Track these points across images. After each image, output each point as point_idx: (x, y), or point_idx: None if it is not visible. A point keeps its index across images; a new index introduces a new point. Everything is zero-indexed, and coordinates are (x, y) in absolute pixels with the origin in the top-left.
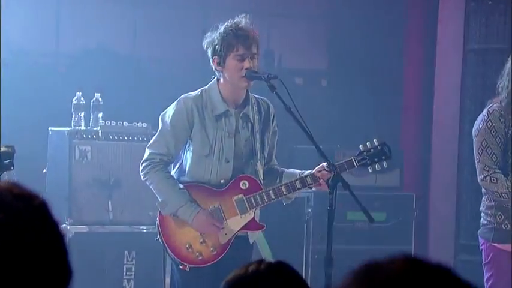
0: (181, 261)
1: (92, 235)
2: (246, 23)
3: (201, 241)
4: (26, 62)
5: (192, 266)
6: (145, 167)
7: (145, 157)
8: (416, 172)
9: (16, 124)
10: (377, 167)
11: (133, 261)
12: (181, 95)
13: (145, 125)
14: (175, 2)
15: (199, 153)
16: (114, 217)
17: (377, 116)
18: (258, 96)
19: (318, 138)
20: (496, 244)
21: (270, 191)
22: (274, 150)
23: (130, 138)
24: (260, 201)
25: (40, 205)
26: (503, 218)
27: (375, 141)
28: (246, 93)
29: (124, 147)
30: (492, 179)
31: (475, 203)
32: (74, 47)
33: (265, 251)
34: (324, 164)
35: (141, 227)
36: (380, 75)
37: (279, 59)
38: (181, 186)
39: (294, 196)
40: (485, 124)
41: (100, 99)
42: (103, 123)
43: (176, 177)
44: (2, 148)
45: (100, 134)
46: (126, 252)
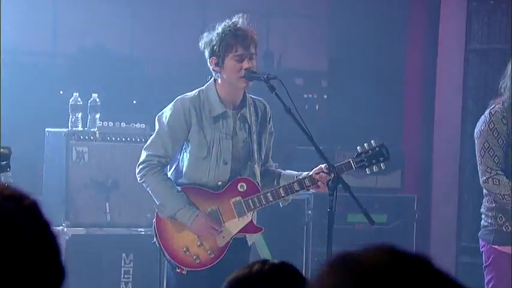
0: (178, 265)
1: (89, 237)
2: (244, 23)
3: (199, 244)
4: (22, 62)
5: (189, 269)
6: (142, 169)
7: (142, 159)
8: (418, 173)
9: (13, 125)
10: (375, 169)
11: (131, 263)
12: (179, 96)
13: (143, 125)
14: (173, 1)
15: (196, 155)
16: (112, 219)
17: (378, 117)
18: (254, 96)
19: (318, 139)
20: (496, 246)
21: (268, 194)
22: (271, 151)
23: (128, 139)
24: (258, 204)
25: (31, 205)
26: (503, 220)
27: (373, 142)
28: (244, 94)
29: (122, 149)
30: (494, 180)
31: (477, 205)
32: (71, 47)
33: (265, 253)
34: (322, 166)
35: (138, 229)
36: (381, 76)
37: (278, 59)
38: (179, 188)
39: (291, 198)
40: (487, 125)
41: (97, 100)
42: (100, 124)
43: (173, 179)
44: None
45: (97, 135)
46: (123, 254)
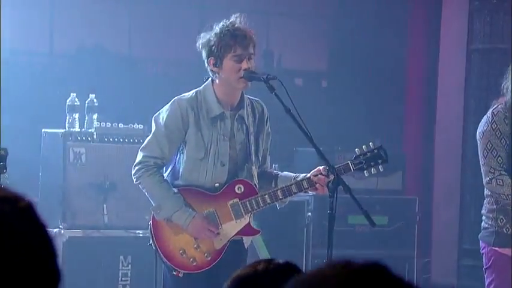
0: (175, 267)
1: (87, 239)
2: (242, 23)
3: (195, 246)
4: (18, 62)
5: (185, 272)
6: (138, 170)
7: (138, 160)
8: (419, 175)
9: (9, 125)
10: (373, 171)
11: (129, 266)
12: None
13: (141, 126)
14: (171, 1)
15: (194, 156)
16: (110, 221)
17: (379, 118)
18: (252, 97)
19: (318, 140)
20: (497, 248)
21: (266, 196)
22: (268, 152)
23: (126, 140)
24: (256, 206)
25: (26, 207)
26: (504, 221)
27: (371, 144)
28: (241, 94)
29: (119, 150)
30: (498, 181)
31: (479, 207)
32: (68, 47)
33: (263, 254)
34: (321, 168)
35: (136, 232)
36: (382, 76)
37: (278, 59)
38: (176, 190)
39: (288, 200)
40: (489, 126)
41: (95, 100)
42: (98, 125)
43: (169, 180)
44: None
45: (95, 136)
46: (121, 257)
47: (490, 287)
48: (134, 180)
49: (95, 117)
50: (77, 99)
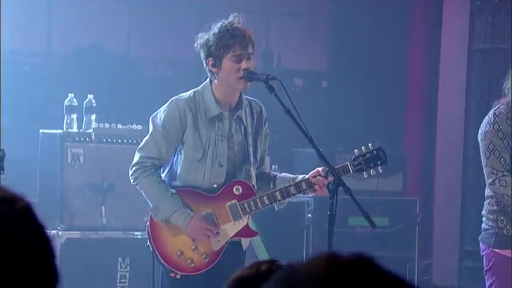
0: (172, 269)
1: (85, 241)
2: (240, 22)
3: (193, 248)
4: (16, 63)
5: (183, 273)
6: (135, 171)
7: (135, 161)
8: (420, 176)
9: (6, 126)
10: (372, 172)
11: (128, 268)
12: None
13: (140, 127)
14: (170, 1)
15: (191, 157)
16: (108, 222)
17: (379, 118)
18: (250, 98)
19: (318, 141)
20: (497, 250)
21: (264, 197)
22: (266, 153)
23: (125, 141)
24: (254, 207)
25: (24, 208)
26: (505, 222)
27: (370, 145)
28: (240, 95)
29: (118, 150)
30: (501, 182)
31: (481, 208)
32: (66, 47)
33: (263, 255)
34: (320, 169)
35: (135, 233)
36: (382, 76)
37: (278, 59)
38: (173, 191)
39: (286, 201)
40: (491, 126)
41: (93, 101)
42: (96, 126)
43: (166, 181)
44: None
45: (93, 137)
46: (120, 259)
47: None
48: (131, 181)
49: (93, 117)
50: (75, 100)
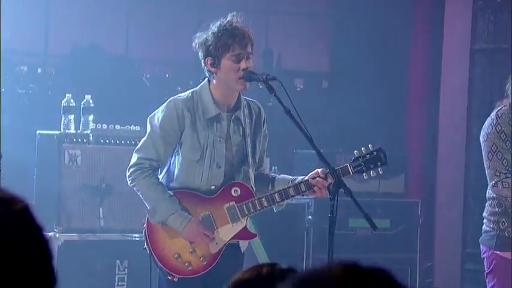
0: (170, 272)
1: (82, 243)
2: (239, 22)
3: (191, 250)
4: (13, 63)
5: (180, 276)
6: (132, 172)
7: (132, 162)
8: (422, 177)
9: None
10: (372, 174)
11: (126, 270)
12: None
13: (138, 128)
14: (169, 0)
15: (189, 158)
16: (106, 224)
17: (381, 119)
18: (248, 98)
19: (319, 142)
20: (498, 252)
21: (263, 199)
22: (265, 154)
23: (123, 142)
24: (252, 209)
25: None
26: (506, 224)
27: (370, 146)
28: (238, 95)
29: (116, 152)
30: (504, 184)
31: (483, 210)
32: (64, 47)
33: (262, 256)
34: (319, 170)
35: (133, 235)
36: (384, 76)
37: (278, 59)
38: (171, 193)
39: (285, 203)
40: (494, 128)
41: (91, 101)
42: (94, 127)
43: (164, 183)
44: None
45: (91, 138)
46: (118, 261)
47: None
48: (129, 182)
49: (91, 118)
50: (72, 100)
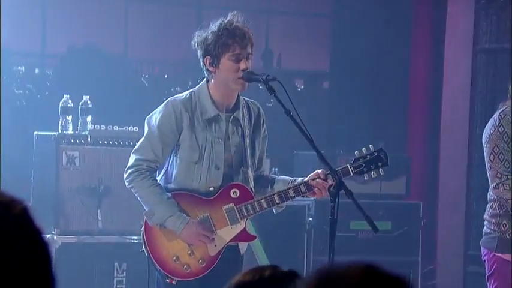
0: (168, 275)
1: (80, 246)
2: (239, 21)
3: (189, 253)
4: (10, 63)
5: (179, 279)
6: (130, 174)
7: (130, 163)
8: (424, 179)
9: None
10: (373, 174)
11: (124, 273)
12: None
13: (136, 129)
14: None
15: (187, 159)
16: (104, 227)
17: (382, 120)
18: (248, 99)
19: (319, 143)
20: (499, 254)
21: (262, 200)
22: (265, 155)
23: (121, 143)
24: (252, 211)
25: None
26: (507, 226)
27: (371, 147)
28: (237, 96)
29: (114, 153)
30: (505, 186)
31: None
32: (61, 47)
33: (262, 259)
34: (319, 171)
35: (132, 237)
36: (385, 77)
37: (278, 59)
38: (169, 195)
39: (285, 205)
40: (496, 129)
41: (89, 102)
42: (92, 127)
43: (162, 184)
44: None
45: (89, 139)
46: (116, 263)
47: None
48: (126, 184)
49: (89, 119)
50: (70, 101)
